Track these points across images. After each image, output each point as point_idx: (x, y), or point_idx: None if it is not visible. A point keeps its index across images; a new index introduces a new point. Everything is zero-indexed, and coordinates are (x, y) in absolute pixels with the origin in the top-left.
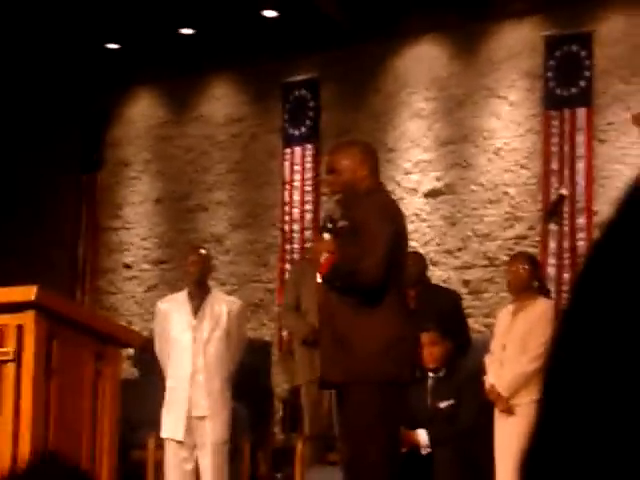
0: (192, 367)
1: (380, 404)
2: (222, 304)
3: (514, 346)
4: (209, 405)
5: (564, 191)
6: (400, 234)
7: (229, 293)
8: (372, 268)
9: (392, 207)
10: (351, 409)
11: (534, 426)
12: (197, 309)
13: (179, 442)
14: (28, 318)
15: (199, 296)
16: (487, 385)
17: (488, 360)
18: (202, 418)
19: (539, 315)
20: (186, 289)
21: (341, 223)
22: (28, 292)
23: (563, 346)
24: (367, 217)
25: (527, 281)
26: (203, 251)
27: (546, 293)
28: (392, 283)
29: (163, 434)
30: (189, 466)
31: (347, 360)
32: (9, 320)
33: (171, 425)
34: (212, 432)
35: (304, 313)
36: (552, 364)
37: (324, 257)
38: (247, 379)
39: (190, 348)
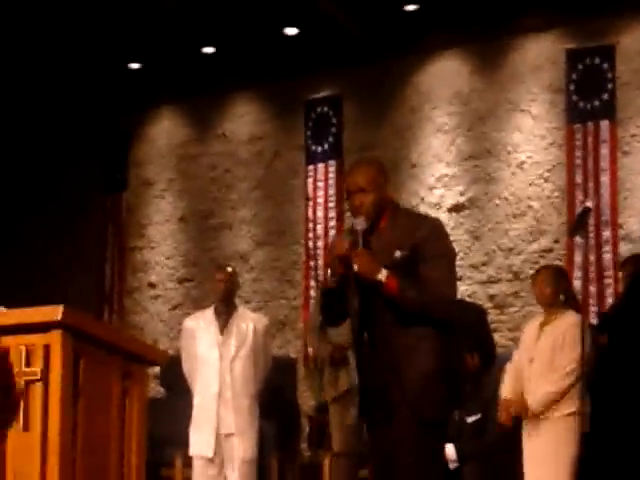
0: (219, 384)
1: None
2: (249, 321)
3: (542, 360)
4: (237, 422)
5: (589, 203)
6: None
7: (254, 310)
8: (450, 298)
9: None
10: (404, 442)
11: (587, 436)
12: (224, 326)
13: (207, 459)
14: (55, 338)
15: (226, 313)
16: (502, 395)
17: (508, 368)
18: (230, 435)
19: (567, 329)
20: (213, 306)
21: (400, 253)
22: (54, 312)
23: (614, 361)
24: (435, 242)
25: (553, 295)
26: (230, 269)
27: (574, 305)
28: None
29: (191, 451)
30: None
31: (432, 399)
32: (36, 340)
33: (199, 442)
34: (240, 449)
35: (329, 333)
36: (604, 376)
37: (384, 275)
38: (273, 396)
39: (217, 365)
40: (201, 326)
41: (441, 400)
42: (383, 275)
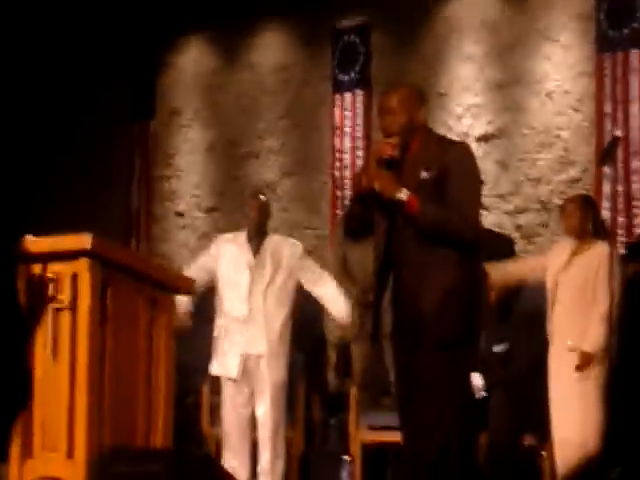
0: (249, 307)
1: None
2: (283, 247)
3: (571, 291)
4: (268, 345)
5: (618, 133)
6: None
7: None
8: (474, 222)
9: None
10: (435, 369)
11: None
12: (257, 251)
13: (235, 382)
14: (82, 266)
15: (258, 239)
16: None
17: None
18: (260, 357)
19: (600, 262)
20: (246, 231)
21: (426, 174)
22: (82, 240)
23: None
24: (462, 165)
25: (582, 225)
26: (263, 197)
27: (603, 235)
28: None
29: (214, 371)
30: (246, 408)
31: (449, 319)
32: (64, 269)
33: (224, 363)
34: (271, 372)
35: (351, 272)
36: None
37: (405, 194)
38: (300, 326)
39: (248, 288)
40: (232, 248)
41: (458, 320)
42: (404, 194)
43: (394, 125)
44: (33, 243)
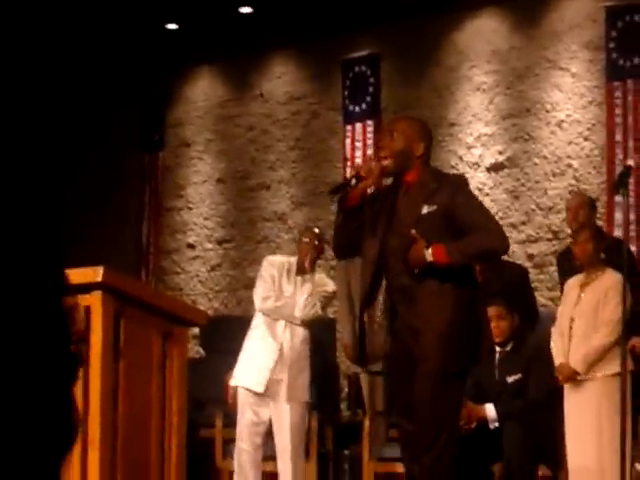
0: (284, 337)
1: (452, 390)
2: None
3: (584, 320)
4: (294, 367)
5: (631, 162)
6: None
7: None
8: (500, 231)
9: None
10: (422, 394)
11: None
12: (302, 281)
13: (256, 394)
14: (95, 299)
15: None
16: (556, 363)
17: (554, 335)
18: (281, 380)
19: (608, 288)
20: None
21: (427, 209)
22: (94, 273)
23: None
24: (464, 195)
25: (593, 254)
26: (317, 230)
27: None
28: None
29: (239, 382)
30: (264, 418)
31: (450, 352)
32: (76, 301)
33: (251, 376)
34: (294, 390)
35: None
36: None
37: (430, 255)
38: (312, 357)
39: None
40: (280, 273)
41: (458, 353)
42: (429, 255)
43: (390, 149)
44: None
